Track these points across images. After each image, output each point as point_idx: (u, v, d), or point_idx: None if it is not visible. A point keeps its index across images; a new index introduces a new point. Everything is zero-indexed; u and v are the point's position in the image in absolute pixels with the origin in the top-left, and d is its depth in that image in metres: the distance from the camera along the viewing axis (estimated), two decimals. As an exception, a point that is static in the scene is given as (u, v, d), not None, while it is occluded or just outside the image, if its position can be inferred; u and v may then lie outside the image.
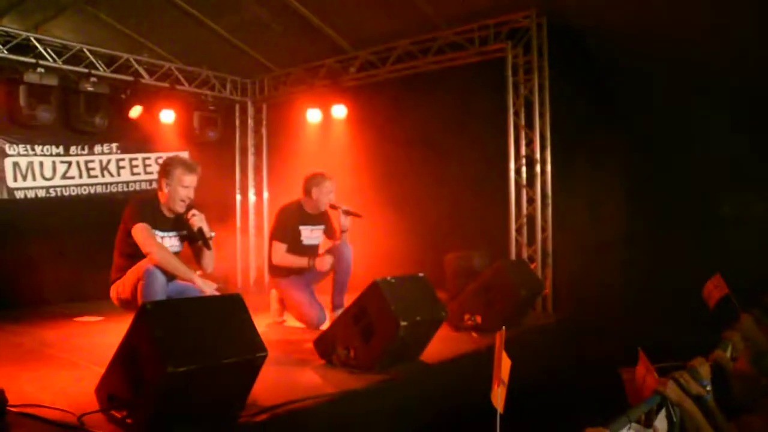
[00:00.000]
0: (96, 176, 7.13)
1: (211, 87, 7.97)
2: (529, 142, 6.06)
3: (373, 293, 3.69)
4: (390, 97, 7.05)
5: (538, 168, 6.03)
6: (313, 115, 7.70)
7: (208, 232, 4.10)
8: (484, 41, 6.20)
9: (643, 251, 5.57)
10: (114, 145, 7.27)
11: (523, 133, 6.08)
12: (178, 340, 2.57)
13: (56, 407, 2.87)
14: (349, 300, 4.05)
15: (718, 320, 3.51)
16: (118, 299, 4.09)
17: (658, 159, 5.64)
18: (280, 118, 8.32)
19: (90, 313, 5.78)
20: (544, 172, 6.04)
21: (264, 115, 8.54)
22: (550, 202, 6.02)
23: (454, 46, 6.44)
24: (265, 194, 8.60)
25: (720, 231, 5.21)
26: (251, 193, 8.64)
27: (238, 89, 8.39)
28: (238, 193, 8.60)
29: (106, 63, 6.80)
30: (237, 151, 8.59)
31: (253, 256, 8.56)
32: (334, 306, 5.08)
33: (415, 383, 3.75)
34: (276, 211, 5.33)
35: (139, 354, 2.61)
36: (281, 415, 2.95)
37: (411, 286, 3.91)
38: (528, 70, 6.02)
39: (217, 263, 4.40)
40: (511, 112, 6.05)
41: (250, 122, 8.56)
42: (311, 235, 5.25)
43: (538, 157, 6.02)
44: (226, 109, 8.29)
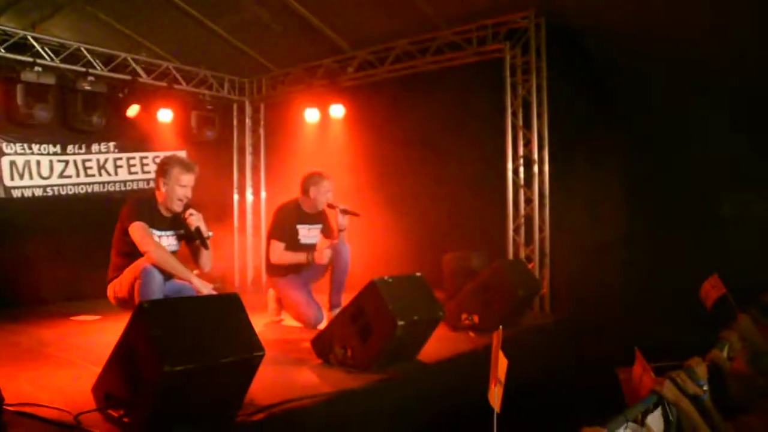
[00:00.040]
0: (93, 175, 7.12)
1: (209, 86, 7.96)
2: (527, 143, 6.06)
3: (371, 293, 3.69)
4: (388, 97, 7.05)
5: (536, 168, 6.03)
6: (311, 115, 7.69)
7: (205, 232, 4.09)
8: (483, 41, 6.20)
9: (641, 251, 5.58)
10: (111, 144, 7.27)
11: (521, 134, 6.08)
12: (176, 339, 2.56)
13: (53, 406, 2.87)
14: (347, 299, 4.05)
15: (716, 320, 3.51)
16: (115, 298, 4.09)
17: (656, 159, 5.64)
18: (278, 118, 8.31)
19: (87, 312, 5.76)
20: (541, 172, 6.05)
21: (262, 115, 8.54)
22: (547, 203, 6.03)
23: (452, 46, 6.44)
24: (263, 194, 8.60)
25: (718, 231, 5.21)
26: (249, 192, 8.63)
27: (236, 89, 8.38)
28: (235, 192, 8.58)
29: (104, 62, 6.79)
30: (235, 150, 8.58)
31: (250, 256, 8.55)
32: (332, 305, 5.09)
33: (413, 383, 3.75)
34: (273, 210, 5.33)
35: (136, 353, 2.61)
36: (278, 415, 2.95)
37: (408, 286, 3.91)
38: (526, 71, 6.03)
39: (215, 263, 4.40)
40: (509, 112, 6.05)
41: (248, 122, 8.55)
42: (309, 234, 5.25)
43: (536, 158, 6.02)
44: (224, 108, 8.28)
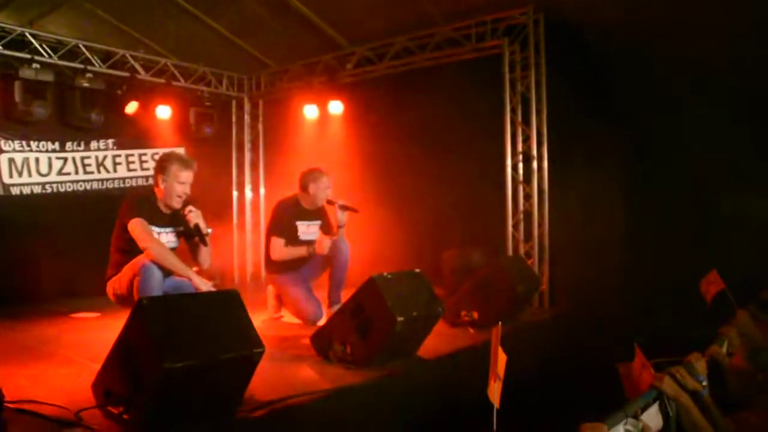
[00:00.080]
0: (92, 172, 7.11)
1: (208, 83, 7.95)
2: (526, 139, 6.06)
3: (370, 289, 3.69)
4: (387, 94, 7.04)
5: (535, 164, 6.02)
6: (310, 112, 7.68)
7: (204, 229, 4.10)
8: (481, 37, 6.19)
9: (640, 247, 5.58)
10: (110, 141, 7.25)
11: (520, 130, 6.07)
12: (175, 336, 2.56)
13: (53, 403, 2.87)
14: (346, 296, 4.05)
15: (715, 316, 3.52)
16: (115, 295, 4.09)
17: (655, 154, 5.64)
18: (276, 115, 8.30)
19: (87, 310, 5.75)
20: (540, 168, 6.04)
21: (260, 111, 8.54)
22: (546, 199, 6.02)
23: (451, 43, 6.43)
24: (262, 190, 8.60)
25: (717, 227, 5.21)
26: (248, 189, 8.62)
27: (235, 85, 8.36)
28: (234, 189, 8.58)
29: (102, 59, 6.78)
30: (233, 147, 8.58)
31: (249, 253, 8.55)
32: (331, 302, 5.09)
33: (412, 379, 3.75)
34: (272, 207, 5.33)
35: (136, 350, 2.61)
36: (278, 411, 2.95)
37: (408, 282, 3.91)
38: (525, 67, 6.01)
39: (214, 259, 4.40)
40: (508, 108, 6.04)
41: (247, 118, 8.54)
42: (308, 230, 5.24)
43: (535, 154, 6.01)
44: (223, 105, 8.27)
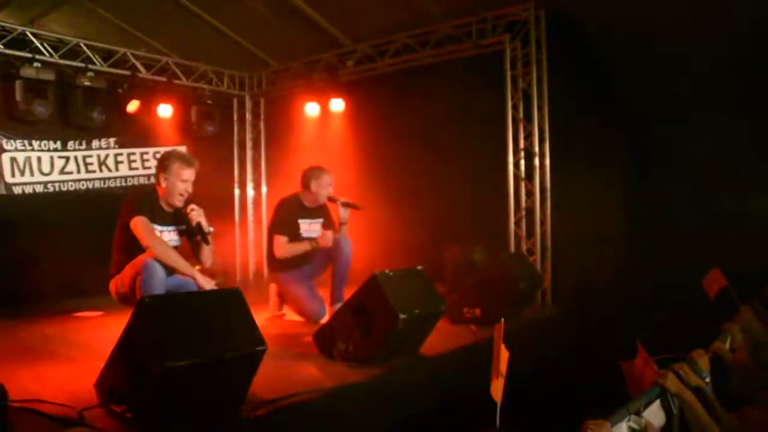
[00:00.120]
0: (94, 171, 7.11)
1: (209, 81, 7.95)
2: (528, 135, 6.04)
3: (372, 287, 3.69)
4: (388, 91, 7.03)
5: (537, 161, 6.01)
6: (311, 109, 7.68)
7: (206, 227, 4.10)
8: (483, 34, 6.17)
9: (643, 243, 5.57)
10: (112, 140, 7.25)
11: (522, 127, 6.06)
12: (178, 335, 2.56)
13: (56, 402, 2.88)
14: (349, 293, 4.05)
15: (718, 312, 3.51)
16: (118, 294, 4.09)
17: (657, 150, 5.63)
18: (278, 113, 8.30)
19: (89, 309, 5.76)
20: (542, 165, 6.02)
21: (262, 110, 8.53)
22: (549, 195, 6.00)
23: (452, 39, 6.41)
24: (264, 188, 8.59)
25: (720, 223, 5.20)
26: (249, 187, 8.62)
27: (236, 83, 8.36)
28: (236, 187, 8.58)
29: (103, 57, 6.77)
30: (235, 145, 8.58)
31: (252, 251, 8.56)
32: (334, 299, 5.08)
33: (415, 376, 3.76)
34: (274, 205, 5.33)
35: (139, 348, 2.61)
36: (281, 409, 2.95)
37: (410, 280, 3.91)
38: (526, 63, 6.00)
39: (216, 258, 4.41)
40: (510, 105, 6.03)
41: (248, 116, 8.53)
42: (310, 228, 5.24)
43: (537, 151, 6.00)
44: (224, 103, 8.26)
